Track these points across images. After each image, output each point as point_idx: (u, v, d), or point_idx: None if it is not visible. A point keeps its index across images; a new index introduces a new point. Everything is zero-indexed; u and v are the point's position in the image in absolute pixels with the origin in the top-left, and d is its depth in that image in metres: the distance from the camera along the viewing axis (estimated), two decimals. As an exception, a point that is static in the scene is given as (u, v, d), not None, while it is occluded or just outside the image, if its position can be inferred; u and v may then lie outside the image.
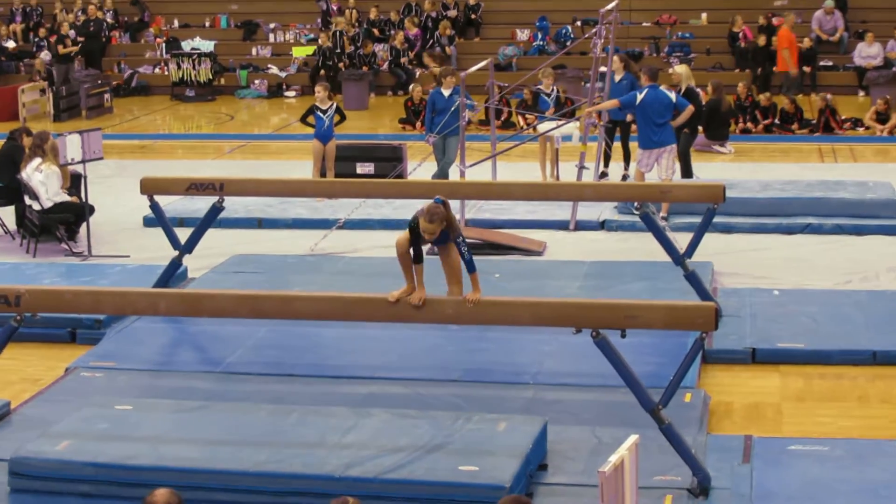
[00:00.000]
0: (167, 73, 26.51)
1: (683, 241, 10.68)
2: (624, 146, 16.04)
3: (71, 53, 25.79)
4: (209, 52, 26.31)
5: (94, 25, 27.11)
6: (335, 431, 7.42)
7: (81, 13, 27.65)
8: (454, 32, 26.61)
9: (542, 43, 26.34)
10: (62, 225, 13.05)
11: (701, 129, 16.84)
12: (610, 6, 14.51)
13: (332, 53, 25.49)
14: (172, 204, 13.88)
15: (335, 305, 7.37)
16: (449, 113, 14.38)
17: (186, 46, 26.77)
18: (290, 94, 26.36)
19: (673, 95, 13.64)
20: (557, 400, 8.47)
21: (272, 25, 28.01)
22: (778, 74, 24.14)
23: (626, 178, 15.62)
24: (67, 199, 13.05)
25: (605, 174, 15.74)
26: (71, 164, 12.84)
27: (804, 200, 13.74)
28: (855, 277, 11.66)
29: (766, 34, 24.71)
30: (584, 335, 6.89)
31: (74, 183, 13.44)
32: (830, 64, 24.80)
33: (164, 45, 27.54)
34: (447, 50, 26.09)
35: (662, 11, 26.72)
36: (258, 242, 13.31)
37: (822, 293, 11.02)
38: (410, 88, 22.48)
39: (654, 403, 6.93)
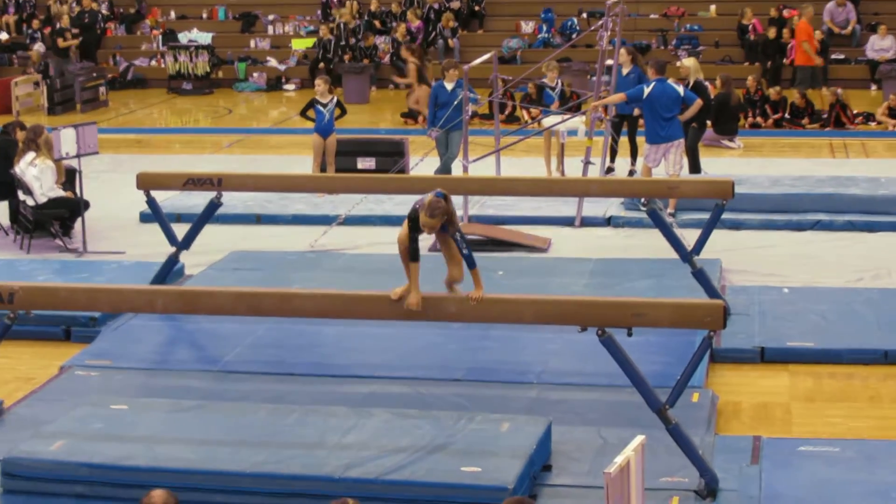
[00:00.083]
0: (164, 65, 26.52)
1: (691, 237, 10.68)
2: (631, 141, 16.04)
3: (70, 47, 25.80)
4: (207, 44, 26.30)
5: (88, 17, 27.10)
6: (335, 432, 7.43)
7: (76, 4, 27.64)
8: (457, 24, 26.60)
9: (547, 35, 26.33)
10: (57, 221, 13.06)
11: (709, 123, 16.86)
12: (616, -2, 14.53)
13: (332, 46, 25.50)
14: (169, 199, 13.91)
15: (335, 303, 7.38)
16: (452, 107, 14.39)
17: (183, 38, 26.77)
18: (289, 87, 26.37)
19: (681, 89, 13.63)
20: (562, 400, 8.48)
21: (271, 17, 28.02)
22: (796, 68, 24.02)
23: (632, 173, 15.62)
24: (62, 194, 13.05)
25: (611, 169, 15.74)
26: (65, 158, 12.86)
27: (815, 196, 13.74)
28: (866, 275, 11.67)
29: (776, 26, 24.70)
30: (589, 334, 6.90)
31: (69, 178, 13.45)
32: (842, 57, 24.78)
33: (160, 37, 27.54)
34: (450, 42, 26.09)
35: (670, 3, 26.71)
36: (257, 238, 13.33)
37: (832, 291, 11.03)
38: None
39: (660, 403, 6.94)
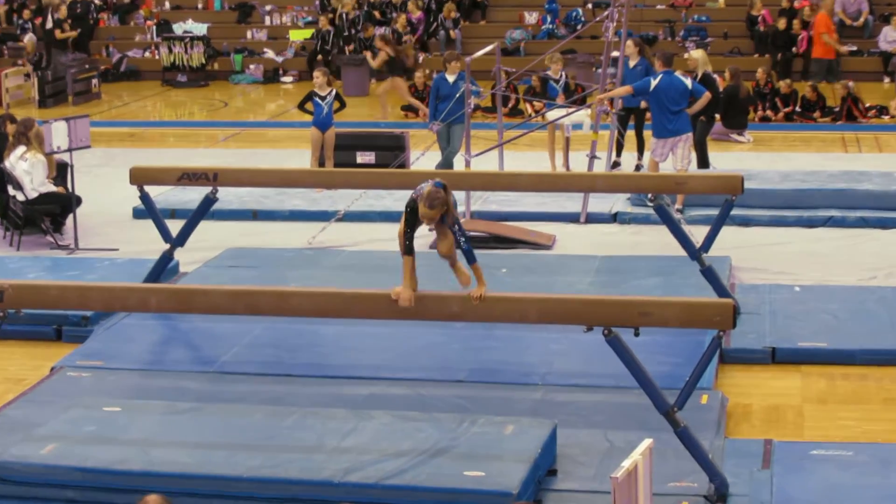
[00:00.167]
0: (158, 57, 26.53)
1: (700, 234, 10.67)
2: (638, 135, 16.04)
3: (69, 39, 25.79)
4: (202, 35, 26.32)
5: (81, 7, 27.10)
6: (334, 434, 7.42)
7: (69, -7, 27.69)
8: (459, 15, 26.61)
9: (551, 26, 26.33)
10: (47, 216, 13.06)
11: (718, 116, 16.84)
12: (623, -12, 14.50)
13: (331, 37, 25.48)
14: (163, 195, 13.91)
15: (334, 302, 7.37)
16: (454, 100, 14.38)
17: (178, 29, 26.79)
18: (286, 79, 26.37)
19: (689, 82, 13.62)
20: (568, 402, 8.47)
21: (268, 7, 28.02)
22: (811, 61, 23.99)
23: (639, 168, 15.62)
24: (53, 189, 13.05)
25: (617, 164, 15.74)
26: (57, 152, 12.85)
27: (826, 192, 13.73)
28: (880, 273, 11.66)
29: (786, 17, 24.69)
30: (595, 333, 6.89)
31: (60, 172, 13.45)
32: (855, 49, 24.76)
33: (154, 27, 27.56)
34: (452, 33, 26.08)
35: (677, -7, 26.75)
36: (253, 235, 13.33)
37: (845, 289, 11.02)
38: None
39: (668, 405, 6.93)
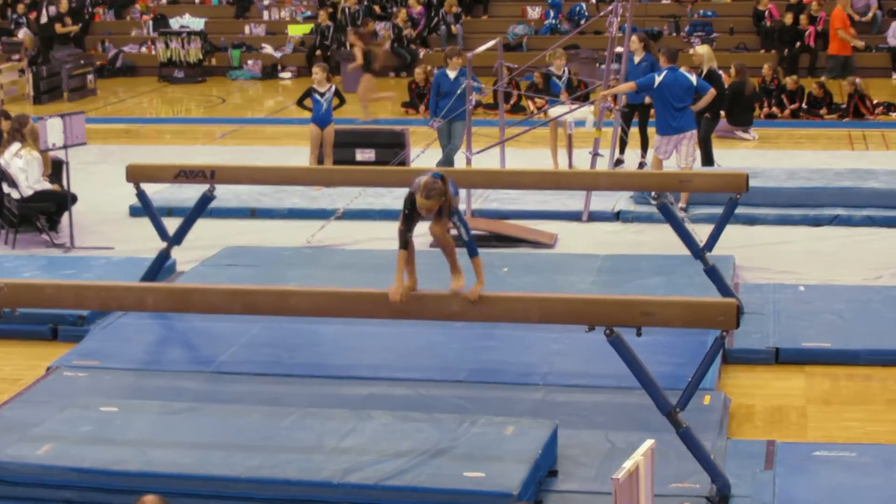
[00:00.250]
0: (154, 52, 26.55)
1: (703, 233, 10.69)
2: (641, 132, 16.05)
3: (70, 33, 25.81)
4: (199, 30, 26.33)
5: (76, 1, 27.12)
6: (333, 435, 7.45)
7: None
8: (460, 10, 26.62)
9: (554, 21, 26.35)
10: (43, 214, 13.07)
11: (723, 113, 16.85)
12: (627, -18, 14.54)
13: (330, 32, 25.49)
14: (160, 192, 13.93)
15: (333, 301, 7.40)
16: (455, 96, 14.41)
17: (175, 24, 26.80)
18: (285, 75, 26.40)
19: (693, 78, 13.64)
20: (568, 402, 8.49)
21: (266, 2, 28.03)
22: (827, 57, 23.95)
23: (642, 165, 15.64)
24: (48, 187, 13.08)
25: (620, 161, 15.75)
26: (52, 149, 12.88)
27: (832, 190, 13.75)
28: (886, 272, 11.67)
29: (793, 12, 24.70)
30: (597, 333, 6.91)
31: (56, 170, 13.48)
32: (863, 45, 24.77)
33: (151, 22, 27.58)
34: (453, 28, 26.10)
35: (683, -12, 26.77)
36: (251, 233, 13.35)
37: (850, 289, 11.03)
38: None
39: (671, 406, 6.96)
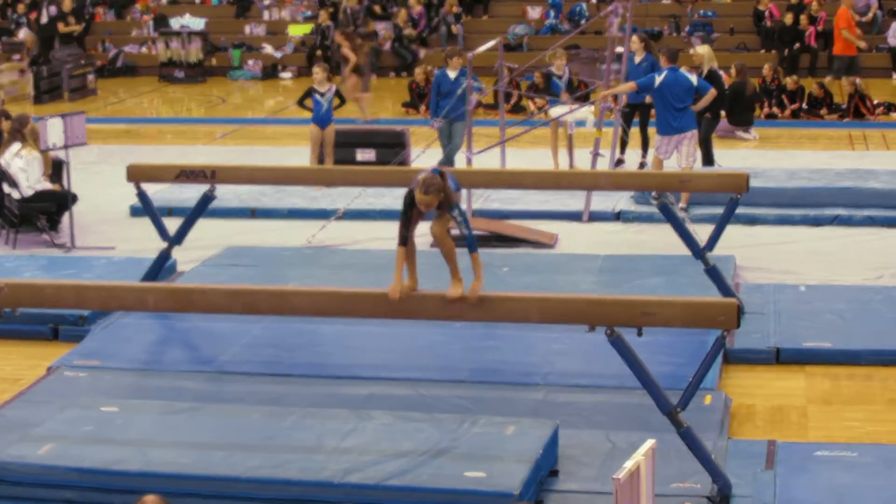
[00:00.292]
0: (155, 52, 26.55)
1: (704, 233, 10.69)
2: (642, 132, 16.06)
3: (73, 33, 25.80)
4: (200, 30, 26.33)
5: (76, 1, 27.12)
6: (334, 435, 7.45)
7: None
8: (461, 10, 26.62)
9: (554, 21, 26.35)
10: (43, 214, 13.08)
11: (724, 114, 16.85)
12: (627, -18, 14.55)
13: (331, 32, 25.49)
14: (161, 192, 13.94)
15: (334, 301, 7.40)
16: (455, 96, 14.41)
17: (175, 24, 26.80)
18: (285, 75, 26.40)
19: (694, 78, 13.64)
20: (569, 402, 8.50)
21: (267, 2, 28.04)
22: (833, 57, 23.92)
23: (643, 165, 15.64)
24: (49, 187, 13.08)
25: (621, 161, 15.76)
26: (52, 149, 12.89)
27: (833, 190, 13.75)
28: (886, 272, 11.67)
29: (793, 12, 24.70)
30: (597, 333, 6.91)
31: (56, 170, 13.48)
32: (865, 45, 24.74)
33: (151, 22, 27.58)
34: (453, 28, 26.10)
35: (683, -12, 26.77)
36: (252, 233, 13.36)
37: (851, 289, 11.04)
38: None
39: (671, 406, 6.97)
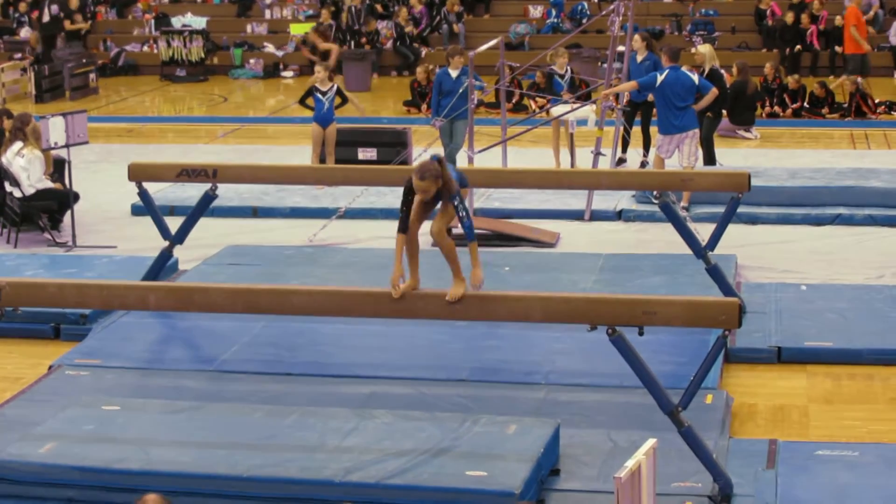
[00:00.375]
0: (156, 51, 26.54)
1: (705, 232, 10.70)
2: (644, 131, 16.04)
3: (81, 31, 25.77)
4: (201, 29, 26.32)
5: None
6: (335, 434, 7.46)
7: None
8: (462, 9, 26.60)
9: (556, 20, 26.33)
10: (45, 213, 13.09)
11: (725, 113, 16.84)
12: (628, -19, 14.55)
13: (332, 31, 25.48)
14: (162, 191, 13.95)
15: (335, 300, 7.40)
16: (457, 95, 14.40)
17: (177, 23, 26.79)
18: (287, 74, 26.38)
19: (695, 77, 13.63)
20: (571, 401, 8.50)
21: (268, 1, 28.02)
22: (846, 57, 23.89)
23: (644, 164, 15.64)
24: (50, 185, 13.09)
25: (622, 160, 15.75)
26: (54, 148, 12.89)
27: (834, 189, 13.75)
28: (888, 272, 11.67)
29: (795, 11, 24.69)
30: (599, 332, 6.91)
31: (58, 169, 13.49)
32: (868, 48, 24.65)
33: (153, 21, 27.56)
34: (455, 27, 26.09)
35: (685, -13, 26.75)
36: (253, 232, 13.36)
37: (852, 288, 11.04)
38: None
39: (673, 405, 6.97)
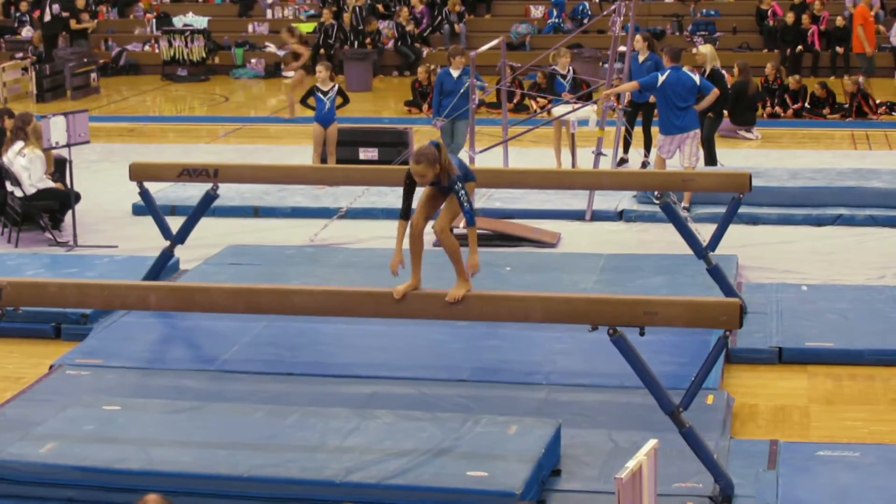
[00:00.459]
0: (158, 51, 26.54)
1: (706, 232, 10.70)
2: (645, 131, 16.04)
3: (88, 29, 25.78)
4: (202, 28, 26.32)
5: (79, -1, 27.14)
6: (336, 434, 7.46)
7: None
8: (464, 9, 26.60)
9: (557, 20, 26.34)
10: (46, 213, 13.09)
11: (726, 113, 16.84)
12: (630, -19, 14.55)
13: (334, 31, 25.48)
14: (163, 191, 13.95)
15: (336, 300, 7.40)
16: (458, 95, 14.40)
17: (178, 23, 26.79)
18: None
19: (696, 77, 13.63)
20: (572, 401, 8.50)
21: (270, 0, 28.02)
22: (857, 56, 23.89)
23: (646, 165, 15.63)
24: (52, 185, 13.08)
25: (623, 161, 15.75)
26: (55, 147, 12.89)
27: (835, 190, 13.74)
28: (889, 272, 11.67)
29: (796, 12, 24.68)
30: (600, 333, 6.91)
31: (59, 168, 13.49)
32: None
33: (154, 21, 27.57)
34: (456, 27, 26.09)
35: (686, -13, 26.75)
36: (254, 232, 13.35)
37: (853, 289, 11.03)
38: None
39: (674, 405, 6.96)
